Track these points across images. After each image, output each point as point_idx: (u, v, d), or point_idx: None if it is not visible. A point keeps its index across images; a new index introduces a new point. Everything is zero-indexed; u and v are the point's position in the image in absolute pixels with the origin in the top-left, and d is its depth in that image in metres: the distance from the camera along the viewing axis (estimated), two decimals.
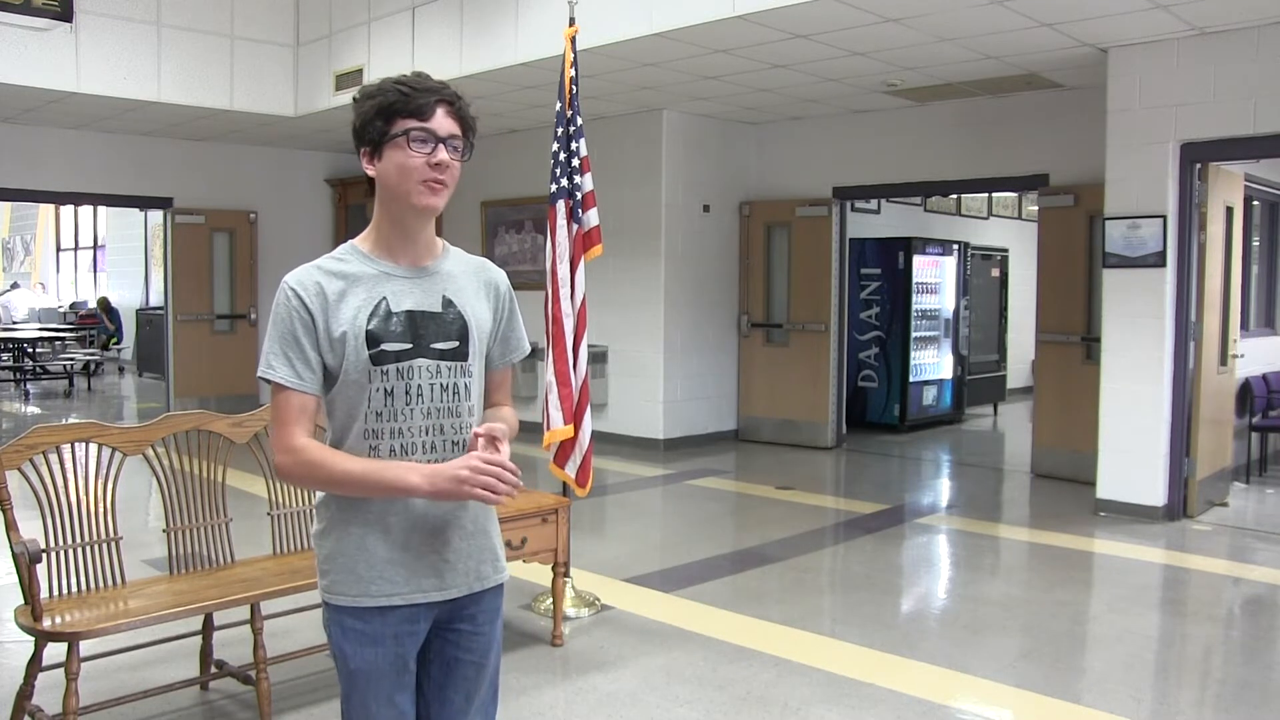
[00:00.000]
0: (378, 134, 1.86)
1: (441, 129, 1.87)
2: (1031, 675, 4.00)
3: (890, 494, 7.62)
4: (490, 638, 2.02)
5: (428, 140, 1.85)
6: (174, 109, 8.94)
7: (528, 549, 4.18)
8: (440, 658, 1.99)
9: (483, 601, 2.00)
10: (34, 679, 3.17)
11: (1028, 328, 9.30)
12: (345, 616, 1.90)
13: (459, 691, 2.00)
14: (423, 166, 1.85)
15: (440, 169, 1.86)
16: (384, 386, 1.87)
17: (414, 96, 1.85)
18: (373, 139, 1.87)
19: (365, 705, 1.92)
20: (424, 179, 1.85)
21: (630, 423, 9.36)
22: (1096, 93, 6.94)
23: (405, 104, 1.84)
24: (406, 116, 1.85)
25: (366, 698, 1.91)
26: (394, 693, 1.93)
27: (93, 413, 11.97)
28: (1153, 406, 6.48)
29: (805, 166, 9.43)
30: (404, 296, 1.90)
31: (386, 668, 1.91)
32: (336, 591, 1.91)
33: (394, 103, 1.85)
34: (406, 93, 1.85)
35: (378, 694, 1.91)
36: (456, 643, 1.98)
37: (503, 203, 10.46)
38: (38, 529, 3.24)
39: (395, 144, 1.85)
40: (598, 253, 4.62)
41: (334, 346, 1.85)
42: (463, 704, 2.01)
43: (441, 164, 1.86)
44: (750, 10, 5.93)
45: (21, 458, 3.16)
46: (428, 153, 1.85)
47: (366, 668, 1.90)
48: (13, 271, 24.15)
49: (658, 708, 3.65)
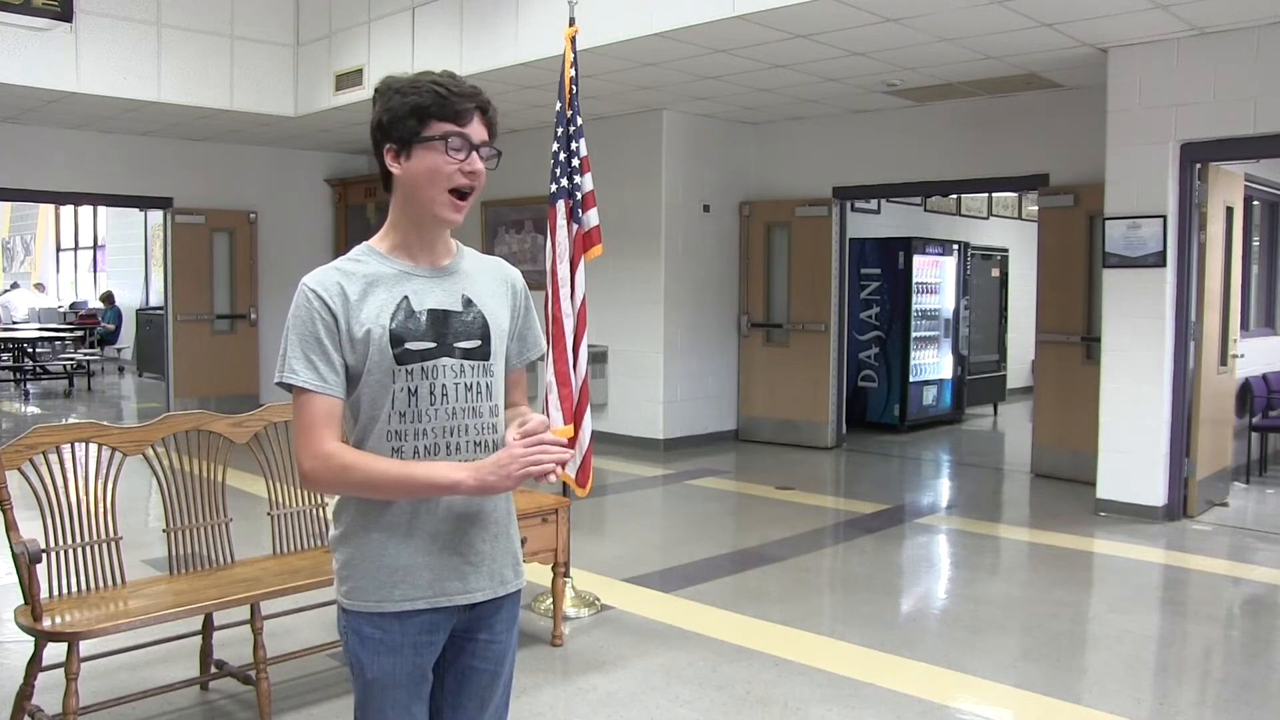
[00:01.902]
0: (409, 133, 1.84)
1: (476, 136, 1.87)
2: (1031, 675, 4.00)
3: (890, 494, 7.62)
4: (507, 645, 2.00)
5: (463, 148, 1.85)
6: (174, 109, 8.94)
7: (528, 549, 4.17)
8: (455, 665, 1.97)
9: (503, 609, 1.97)
10: (34, 679, 3.17)
11: (1028, 328, 9.29)
12: (363, 624, 1.87)
13: (473, 699, 1.98)
14: (455, 173, 1.84)
15: (474, 177, 1.86)
16: (408, 386, 1.84)
17: (453, 101, 1.83)
18: (402, 137, 1.84)
19: (383, 714, 1.90)
20: (454, 185, 1.85)
21: (630, 423, 9.36)
22: (1096, 93, 6.94)
23: (443, 107, 1.83)
24: (443, 120, 1.83)
25: (384, 707, 1.89)
26: (411, 703, 1.90)
27: (92, 413, 11.97)
28: (1153, 407, 6.48)
29: (805, 166, 9.43)
30: (425, 296, 1.89)
31: (404, 677, 1.88)
32: (356, 597, 1.88)
33: (430, 104, 1.82)
34: (445, 96, 1.83)
35: (395, 704, 1.89)
36: (473, 651, 1.96)
37: (503, 203, 10.46)
38: (38, 529, 3.24)
39: (430, 146, 1.83)
40: (598, 253, 4.63)
41: (356, 347, 1.83)
42: (475, 711, 1.99)
43: (476, 172, 1.86)
44: (750, 10, 5.93)
45: (21, 458, 3.16)
46: (462, 159, 1.85)
47: (384, 677, 1.87)
48: (13, 271, 24.16)
49: (658, 708, 3.65)
